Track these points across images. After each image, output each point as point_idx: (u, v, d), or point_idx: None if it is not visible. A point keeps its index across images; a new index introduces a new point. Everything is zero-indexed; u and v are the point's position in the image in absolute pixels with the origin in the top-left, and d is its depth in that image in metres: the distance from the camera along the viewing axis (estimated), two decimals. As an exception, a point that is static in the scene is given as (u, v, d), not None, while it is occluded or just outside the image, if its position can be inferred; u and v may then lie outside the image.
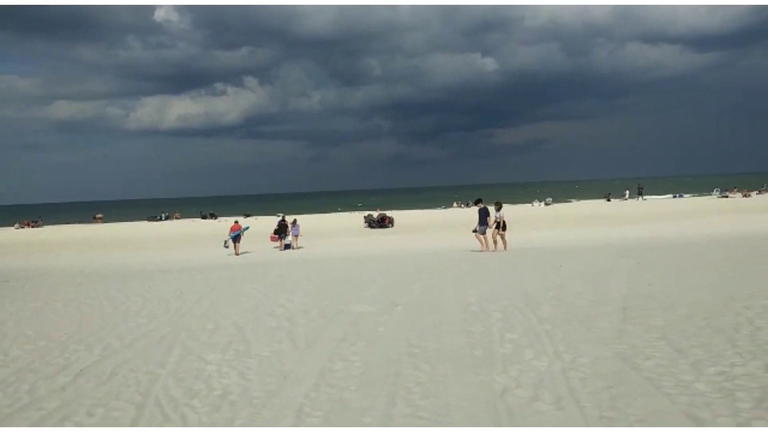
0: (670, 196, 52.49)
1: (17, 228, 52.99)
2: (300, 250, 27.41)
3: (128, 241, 39.12)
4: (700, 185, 76.28)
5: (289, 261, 20.42)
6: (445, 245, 24.56)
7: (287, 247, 26.90)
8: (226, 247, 25.69)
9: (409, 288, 11.63)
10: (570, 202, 52.31)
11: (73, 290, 14.39)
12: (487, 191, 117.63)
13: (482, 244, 19.09)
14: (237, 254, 25.04)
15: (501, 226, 18.99)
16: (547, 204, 48.06)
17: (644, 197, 49.09)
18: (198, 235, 40.13)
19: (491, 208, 19.22)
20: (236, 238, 25.71)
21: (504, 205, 20.11)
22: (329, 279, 13.81)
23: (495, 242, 19.00)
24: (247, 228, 27.96)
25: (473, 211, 49.30)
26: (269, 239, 28.06)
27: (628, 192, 51.53)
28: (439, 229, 35.18)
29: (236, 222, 28.57)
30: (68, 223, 57.96)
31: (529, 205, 48.49)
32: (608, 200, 50.83)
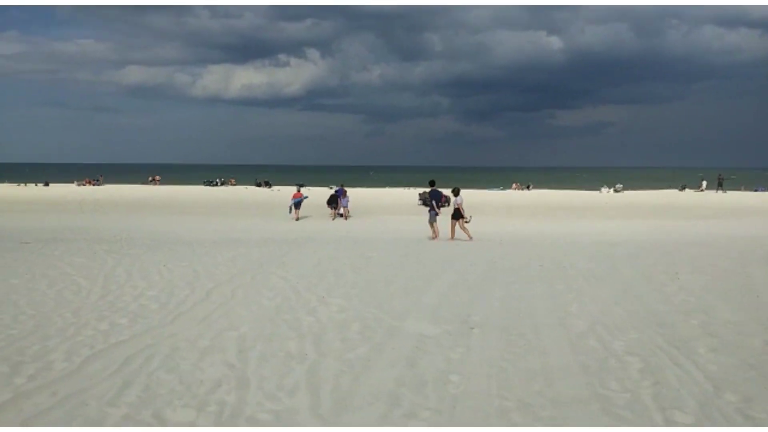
0: (754, 189, 47.33)
1: (77, 185, 52.91)
2: (350, 223, 25.31)
3: (180, 204, 37.80)
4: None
5: (336, 239, 17.97)
6: (509, 230, 21.60)
7: (340, 216, 28.60)
8: (290, 212, 28.24)
9: (482, 295, 9.02)
10: (640, 190, 47.90)
11: (79, 261, 12.35)
12: (544, 174, 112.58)
13: (434, 233, 17.40)
14: (297, 219, 27.72)
15: (457, 214, 17.31)
16: (616, 191, 44.03)
17: (724, 189, 44.32)
18: (249, 203, 38.42)
19: (448, 194, 17.79)
20: (297, 205, 28.36)
21: (567, 191, 17.41)
22: (378, 271, 11.23)
23: (453, 231, 17.32)
24: (307, 197, 29.92)
25: (534, 194, 45.45)
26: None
27: (705, 182, 46.78)
28: (497, 211, 32.12)
29: (298, 190, 31.12)
30: (127, 183, 57.61)
31: (597, 192, 44.53)
32: (682, 190, 46.24)
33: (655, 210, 33.18)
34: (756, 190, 47.61)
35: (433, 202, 18.12)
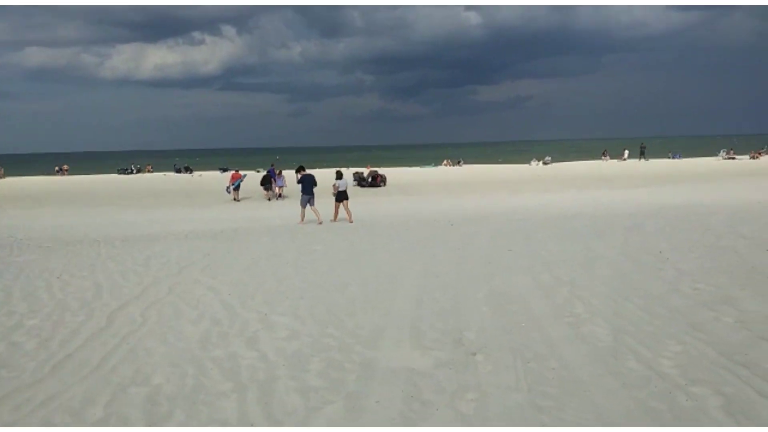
0: (670, 157, 48.36)
1: (-26, 179, 47.27)
2: (283, 209, 23.10)
3: (90, 195, 33.95)
4: (688, 146, 72.42)
5: (270, 228, 15.72)
6: (456, 208, 20.00)
7: (279, 197, 28.29)
8: (228, 192, 28.06)
9: (463, 296, 7.11)
10: (565, 162, 47.90)
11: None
12: (471, 150, 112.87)
13: (316, 214, 16.75)
14: (237, 200, 27.48)
15: (339, 195, 16.90)
16: (545, 163, 43.66)
17: (646, 158, 44.90)
18: (168, 191, 35.05)
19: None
20: (237, 187, 27.94)
21: (498, 165, 16.16)
22: (327, 269, 9.17)
23: (336, 213, 16.99)
24: (245, 176, 30.08)
25: (466, 170, 43.93)
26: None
27: (627, 152, 47.30)
28: (438, 189, 30.65)
29: (237, 171, 31.23)
30: (31, 174, 52.17)
31: (527, 165, 44.03)
32: (604, 160, 46.52)
33: (587, 181, 32.71)
34: (672, 158, 48.68)
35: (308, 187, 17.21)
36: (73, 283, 8.87)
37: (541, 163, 43.87)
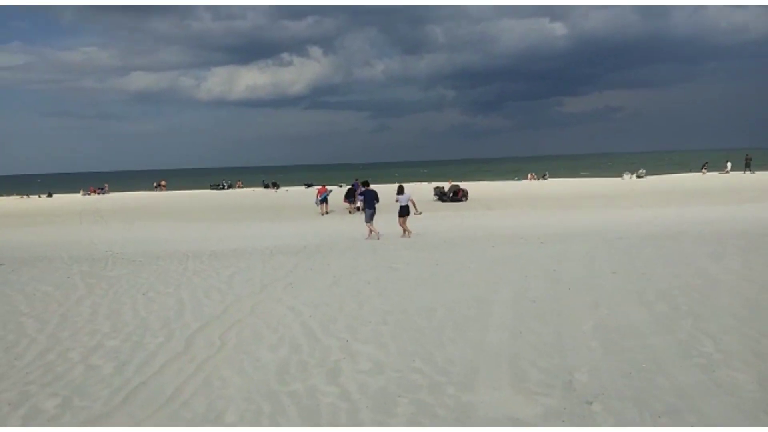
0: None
1: (82, 194, 50.63)
2: (360, 223, 22.85)
3: (185, 210, 35.26)
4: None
5: (352, 244, 15.30)
6: (543, 224, 18.83)
7: (357, 210, 27.70)
8: (317, 205, 28.54)
9: (567, 328, 6.23)
10: (660, 174, 44.92)
11: (45, 289, 9.93)
12: (555, 162, 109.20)
13: (371, 232, 16.42)
14: (324, 213, 27.76)
15: (402, 210, 16.70)
16: (639, 177, 41.03)
17: (752, 170, 41.26)
18: (256, 206, 35.81)
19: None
20: (324, 200, 28.24)
21: (586, 179, 14.97)
22: (410, 291, 8.51)
23: (404, 229, 16.63)
24: (331, 191, 30.32)
25: (552, 184, 41.99)
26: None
27: (730, 164, 43.70)
28: (522, 204, 29.33)
29: (323, 186, 31.45)
30: (133, 190, 55.31)
31: (618, 178, 41.61)
32: (703, 172, 43.20)
33: (687, 195, 30.26)
34: (783, 170, 44.46)
35: (370, 202, 17.02)
36: (158, 300, 8.74)
37: (634, 176, 41.31)
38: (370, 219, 16.78)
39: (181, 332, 6.81)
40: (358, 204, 28.45)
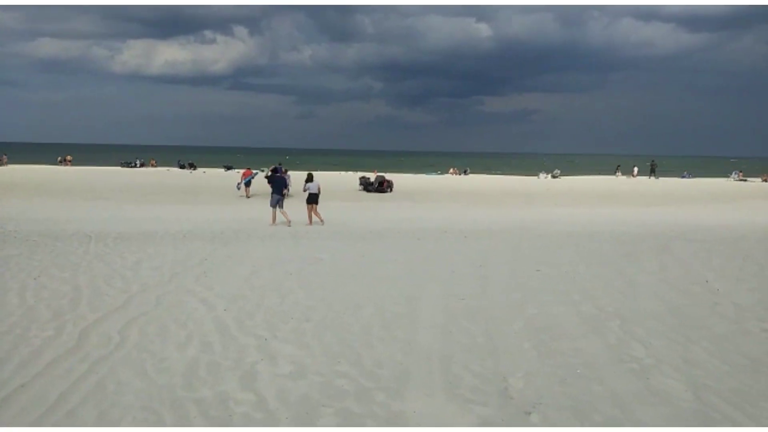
0: (681, 176, 47.20)
1: (-25, 166, 46.21)
2: (289, 204, 22.06)
3: (91, 187, 32.79)
4: (698, 166, 71.19)
5: (272, 232, 14.59)
6: (466, 219, 18.86)
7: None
8: (238, 188, 27.43)
9: (500, 327, 5.98)
10: (574, 176, 46.74)
11: None
12: (476, 160, 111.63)
13: (285, 216, 16.42)
14: (248, 197, 26.75)
15: (310, 198, 16.82)
16: (554, 177, 42.45)
17: (657, 176, 43.75)
18: (170, 186, 33.92)
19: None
20: (248, 183, 27.34)
21: (504, 176, 15.32)
22: (334, 283, 8.02)
23: (311, 216, 16.81)
24: (257, 173, 29.71)
25: (473, 180, 42.74)
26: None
27: (636, 168, 46.11)
28: (445, 198, 29.48)
29: (248, 169, 30.56)
30: (36, 163, 51.14)
31: (534, 177, 42.85)
32: (617, 175, 45.36)
33: (600, 196, 31.55)
34: (682, 177, 47.54)
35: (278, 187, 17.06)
36: (51, 286, 7.77)
37: (549, 176, 42.70)
38: (275, 204, 16.68)
39: (73, 325, 5.98)
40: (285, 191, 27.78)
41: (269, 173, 19.28)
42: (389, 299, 7.24)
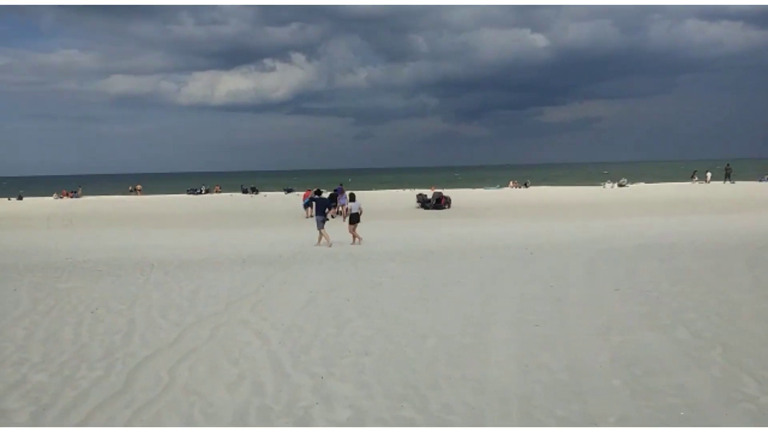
0: (758, 180, 44.17)
1: (55, 198, 48.69)
2: (343, 230, 21.82)
3: (158, 215, 33.78)
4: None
5: (332, 254, 14.21)
6: (529, 234, 17.94)
7: (339, 214, 27.16)
8: (305, 209, 27.57)
9: (585, 356, 5.25)
10: (642, 183, 44.57)
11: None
12: (536, 171, 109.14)
13: (323, 238, 16.18)
14: (308, 216, 26.41)
15: (352, 218, 16.59)
16: (621, 185, 40.57)
17: (732, 180, 41.07)
18: (232, 211, 34.49)
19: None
20: (308, 204, 26.94)
21: (567, 187, 14.31)
22: (395, 309, 7.45)
23: (354, 236, 16.52)
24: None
25: (534, 192, 41.50)
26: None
27: (710, 174, 43.52)
28: (505, 212, 28.50)
29: (308, 190, 31.12)
30: (108, 194, 53.47)
31: (600, 186, 41.15)
32: (694, 181, 42.83)
33: (673, 204, 29.71)
34: (761, 180, 44.53)
35: (321, 208, 17.00)
36: (107, 320, 7.59)
37: (616, 185, 40.84)
38: (321, 225, 16.52)
39: (123, 364, 5.69)
40: (339, 208, 27.78)
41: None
42: (455, 328, 6.61)
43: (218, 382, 5.13)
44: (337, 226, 25.12)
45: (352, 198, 17.26)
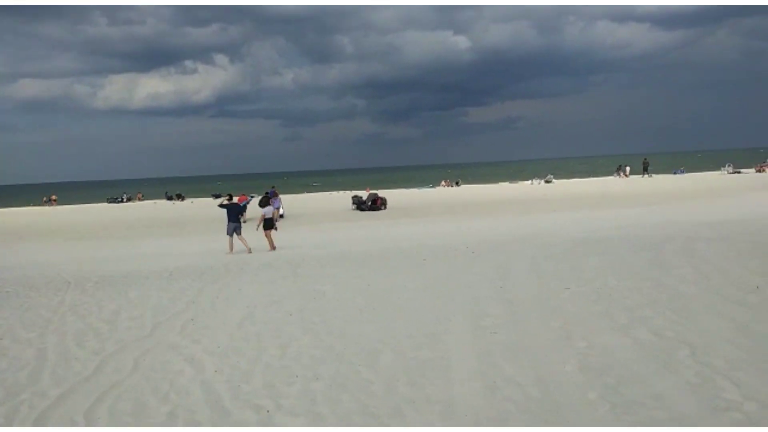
0: (672, 172, 46.58)
1: (-41, 212, 44.67)
2: (283, 235, 20.97)
3: (76, 227, 31.43)
4: (688, 162, 70.69)
5: (268, 261, 13.40)
6: (469, 232, 17.76)
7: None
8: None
9: (550, 365, 4.86)
10: (566, 179, 45.98)
11: None
12: (464, 170, 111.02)
13: (245, 244, 15.88)
14: (243, 221, 25.29)
15: (266, 223, 16.21)
16: (548, 182, 41.58)
17: (649, 174, 42.99)
18: (157, 220, 32.62)
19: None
20: (243, 209, 25.82)
21: (496, 184, 14.48)
22: (342, 324, 6.84)
23: (271, 242, 16.07)
24: (253, 197, 29.26)
25: (466, 190, 41.98)
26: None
27: (629, 168, 45.41)
28: (441, 211, 28.42)
29: (242, 194, 29.58)
30: (21, 205, 49.66)
31: (527, 182, 42.06)
32: (619, 175, 44.32)
33: (598, 199, 30.64)
34: (675, 173, 47.00)
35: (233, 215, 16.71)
36: (12, 352, 6.55)
37: (543, 181, 41.85)
38: (231, 232, 16.14)
39: (30, 407, 4.79)
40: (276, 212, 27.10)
41: (224, 201, 18.23)
42: (409, 340, 6.09)
43: (145, 423, 4.35)
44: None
45: (265, 203, 16.95)
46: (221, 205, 17.18)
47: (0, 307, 9.52)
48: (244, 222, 24.49)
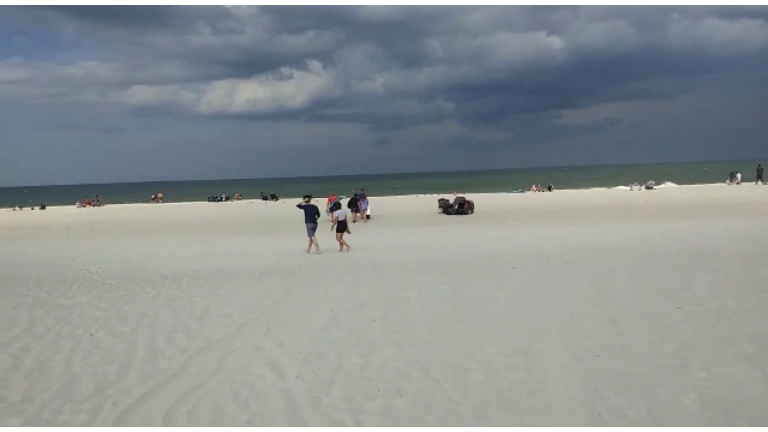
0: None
1: (78, 207, 48.61)
2: (370, 237, 20.83)
3: (178, 223, 33.19)
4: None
5: (354, 263, 13.25)
6: (560, 239, 16.80)
7: (366, 218, 27.56)
8: (328, 213, 25.95)
9: (667, 399, 4.13)
10: (665, 183, 42.96)
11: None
12: (556, 174, 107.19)
13: (316, 246, 15.91)
14: (333, 221, 25.76)
15: (339, 226, 16.25)
16: (648, 188, 38.97)
17: (765, 181, 39.27)
18: (252, 218, 33.77)
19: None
20: (333, 209, 26.28)
21: (592, 189, 13.45)
22: (426, 333, 6.43)
23: (341, 244, 16.16)
24: (342, 197, 29.76)
25: (558, 196, 40.61)
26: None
27: (739, 175, 41.74)
28: (531, 217, 27.30)
29: (332, 194, 30.84)
30: (130, 202, 53.31)
31: (626, 188, 39.64)
32: (736, 183, 40.84)
33: (703, 207, 28.25)
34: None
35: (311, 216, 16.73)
36: (105, 345, 6.71)
37: (643, 187, 39.28)
38: (311, 233, 16.21)
39: (113, 404, 4.78)
40: (361, 213, 27.29)
41: (302, 202, 18.25)
42: (500, 358, 5.59)
43: (224, 425, 4.18)
44: (357, 232, 24.17)
45: (338, 206, 17.04)
46: (299, 206, 17.33)
47: (102, 298, 9.93)
48: (353, 222, 24.81)
